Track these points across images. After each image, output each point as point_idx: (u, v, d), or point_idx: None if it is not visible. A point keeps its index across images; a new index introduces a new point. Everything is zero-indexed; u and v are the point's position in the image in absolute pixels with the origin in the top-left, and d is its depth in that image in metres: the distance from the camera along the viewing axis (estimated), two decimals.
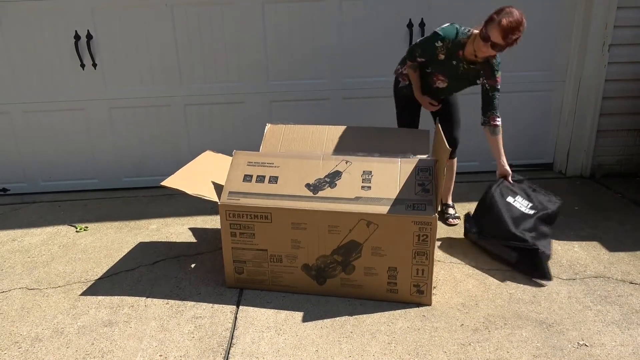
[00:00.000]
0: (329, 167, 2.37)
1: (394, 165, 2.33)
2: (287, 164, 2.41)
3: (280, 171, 2.39)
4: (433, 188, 2.23)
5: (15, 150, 3.90)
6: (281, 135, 2.83)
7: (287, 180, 2.36)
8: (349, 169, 2.35)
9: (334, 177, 2.33)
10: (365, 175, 2.32)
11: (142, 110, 3.86)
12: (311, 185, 2.32)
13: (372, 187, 2.28)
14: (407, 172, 2.30)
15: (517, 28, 2.46)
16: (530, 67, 3.86)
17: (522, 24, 2.47)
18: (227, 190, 2.35)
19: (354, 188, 2.28)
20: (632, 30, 3.61)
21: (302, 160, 2.42)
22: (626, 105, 3.80)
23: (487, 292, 2.39)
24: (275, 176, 2.37)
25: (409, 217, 2.16)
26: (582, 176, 3.97)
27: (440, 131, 2.44)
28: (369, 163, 2.37)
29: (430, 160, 2.34)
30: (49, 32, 3.62)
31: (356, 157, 2.41)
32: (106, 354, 2.03)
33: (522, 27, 2.47)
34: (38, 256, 2.92)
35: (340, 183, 2.31)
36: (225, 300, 2.38)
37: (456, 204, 3.45)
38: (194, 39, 3.71)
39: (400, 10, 3.68)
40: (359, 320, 2.20)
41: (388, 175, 2.30)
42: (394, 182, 2.28)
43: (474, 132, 4.01)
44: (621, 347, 1.99)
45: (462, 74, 2.79)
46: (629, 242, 2.85)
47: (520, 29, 2.47)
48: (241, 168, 2.42)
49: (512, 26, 2.43)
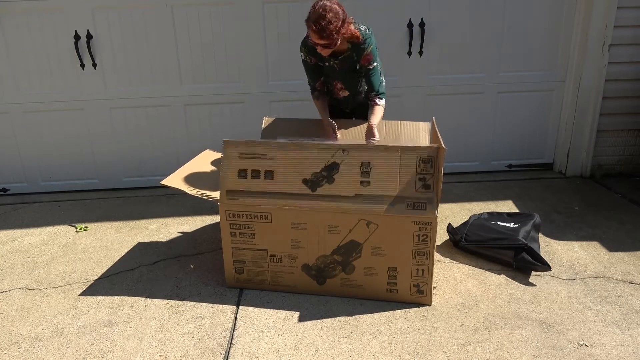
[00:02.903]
0: (326, 158, 2.25)
1: (393, 155, 2.21)
2: (281, 155, 2.28)
3: (275, 164, 2.29)
4: (434, 183, 2.18)
5: (15, 150, 3.90)
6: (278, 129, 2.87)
7: (284, 175, 2.28)
8: (346, 160, 2.24)
9: (331, 171, 2.24)
10: (364, 168, 2.22)
11: (142, 110, 3.86)
12: (308, 181, 2.26)
13: (372, 181, 2.21)
14: (407, 164, 2.18)
15: (318, 21, 2.30)
16: (530, 67, 3.86)
17: (324, 14, 2.30)
18: (225, 189, 2.32)
19: (353, 183, 2.22)
20: (632, 30, 3.61)
21: (297, 152, 2.29)
22: (626, 105, 3.80)
23: (487, 292, 2.39)
24: (271, 170, 2.29)
25: (409, 217, 2.16)
26: (582, 176, 3.97)
27: (436, 129, 2.43)
28: (367, 152, 2.23)
29: (432, 149, 2.18)
30: (49, 32, 3.62)
31: (353, 145, 2.28)
32: (106, 354, 2.03)
33: (326, 15, 2.30)
34: (38, 256, 2.92)
35: (339, 177, 2.23)
36: (225, 300, 2.38)
37: (456, 204, 3.46)
38: (194, 39, 3.71)
39: (400, 10, 3.68)
40: (359, 320, 2.20)
41: (387, 167, 2.20)
42: (394, 175, 2.19)
43: (473, 132, 4.03)
44: (621, 347, 1.99)
45: (341, 70, 2.68)
46: (629, 242, 2.85)
47: (325, 19, 2.29)
48: (234, 162, 2.31)
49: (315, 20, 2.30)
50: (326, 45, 2.41)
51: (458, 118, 3.96)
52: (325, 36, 2.34)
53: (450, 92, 3.90)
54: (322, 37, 2.35)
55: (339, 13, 2.36)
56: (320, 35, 2.34)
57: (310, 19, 2.36)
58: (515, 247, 2.55)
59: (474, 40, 3.78)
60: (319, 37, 2.36)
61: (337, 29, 2.35)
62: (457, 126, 3.98)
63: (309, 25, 2.37)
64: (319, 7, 2.34)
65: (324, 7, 2.33)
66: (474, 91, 3.93)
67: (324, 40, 2.37)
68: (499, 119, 3.99)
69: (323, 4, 2.35)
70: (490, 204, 3.45)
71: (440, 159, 2.16)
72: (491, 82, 3.89)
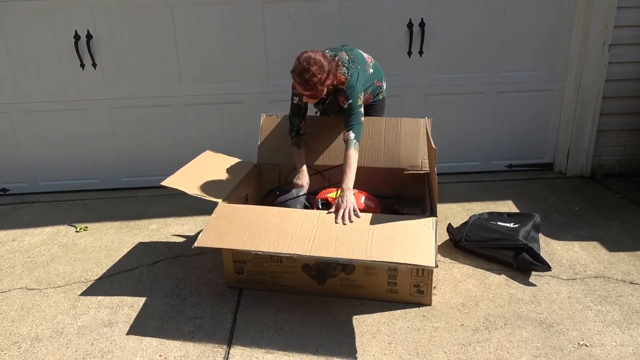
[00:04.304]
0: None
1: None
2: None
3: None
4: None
5: (15, 150, 3.90)
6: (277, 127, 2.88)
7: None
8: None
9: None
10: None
11: (142, 110, 3.86)
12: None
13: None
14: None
15: (302, 74, 2.31)
16: (530, 67, 3.86)
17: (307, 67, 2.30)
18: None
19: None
20: (632, 30, 3.61)
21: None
22: (626, 105, 3.80)
23: (487, 292, 2.39)
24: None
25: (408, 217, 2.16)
26: (582, 176, 3.97)
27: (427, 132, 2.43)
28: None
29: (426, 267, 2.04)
30: (49, 32, 3.62)
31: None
32: (106, 354, 2.03)
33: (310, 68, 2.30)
34: (38, 256, 2.92)
35: None
36: (225, 300, 2.38)
37: (456, 204, 3.46)
38: (194, 39, 3.71)
39: (400, 10, 3.68)
40: (359, 320, 2.19)
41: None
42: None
43: (473, 132, 4.03)
44: (621, 347, 1.99)
45: (332, 108, 2.73)
46: (629, 242, 2.85)
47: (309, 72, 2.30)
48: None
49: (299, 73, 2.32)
50: (311, 96, 2.44)
51: (458, 118, 3.96)
52: (309, 88, 2.36)
53: (450, 92, 3.89)
54: (306, 89, 2.37)
55: (324, 65, 2.35)
56: (304, 87, 2.36)
57: (294, 71, 2.37)
58: (516, 247, 2.54)
59: (474, 40, 3.78)
60: (303, 89, 2.38)
61: (321, 81, 2.35)
62: (457, 126, 3.98)
63: (293, 77, 2.38)
64: (303, 59, 2.34)
65: (308, 60, 2.33)
66: (474, 91, 3.93)
67: (309, 92, 2.39)
68: (499, 119, 3.99)
69: (307, 56, 2.35)
70: (490, 204, 3.45)
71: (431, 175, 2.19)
72: (491, 82, 3.89)
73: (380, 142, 2.81)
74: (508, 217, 2.92)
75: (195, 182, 2.52)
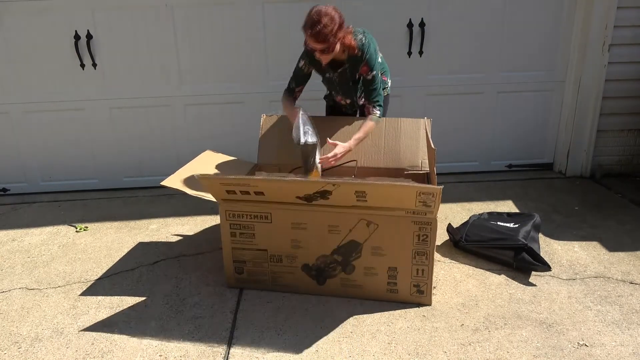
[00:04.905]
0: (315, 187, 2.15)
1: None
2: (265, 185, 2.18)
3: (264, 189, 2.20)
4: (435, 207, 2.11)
5: (15, 150, 3.90)
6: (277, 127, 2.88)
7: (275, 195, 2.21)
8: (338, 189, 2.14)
9: (325, 194, 2.18)
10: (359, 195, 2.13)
11: (142, 110, 3.86)
12: (303, 197, 2.20)
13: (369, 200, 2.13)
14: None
15: (314, 26, 2.31)
16: (530, 67, 3.86)
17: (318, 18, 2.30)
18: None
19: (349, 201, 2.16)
20: (632, 30, 3.61)
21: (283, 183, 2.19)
22: (626, 105, 3.80)
23: (487, 292, 2.39)
24: (261, 191, 2.21)
25: (409, 217, 2.16)
26: (582, 176, 3.97)
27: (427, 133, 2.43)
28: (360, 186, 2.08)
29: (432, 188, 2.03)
30: (49, 32, 3.62)
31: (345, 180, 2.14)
32: (106, 354, 2.03)
33: (321, 19, 2.30)
34: (38, 256, 2.92)
35: (333, 197, 2.16)
36: (225, 300, 2.38)
37: (456, 204, 3.46)
38: (194, 39, 3.71)
39: (400, 10, 3.68)
40: (359, 320, 2.20)
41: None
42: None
43: (473, 132, 4.03)
44: (621, 347, 1.99)
45: (340, 82, 2.71)
46: (629, 242, 2.85)
47: (321, 23, 2.30)
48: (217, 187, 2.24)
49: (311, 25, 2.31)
50: (324, 50, 2.40)
51: (458, 118, 3.96)
52: (322, 40, 2.34)
53: (450, 92, 3.90)
54: (318, 40, 2.35)
55: (335, 17, 2.35)
56: (317, 38, 2.34)
57: (306, 24, 2.36)
58: (515, 247, 2.55)
59: (474, 40, 3.78)
60: (315, 40, 2.35)
61: (333, 32, 2.34)
62: (457, 126, 3.98)
63: (305, 31, 2.37)
64: (314, 12, 2.35)
65: (319, 12, 2.34)
66: (474, 91, 3.93)
67: (321, 44, 2.36)
68: (498, 119, 3.99)
69: (318, 9, 2.35)
70: (490, 204, 3.45)
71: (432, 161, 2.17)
72: (491, 82, 3.89)
73: (380, 142, 2.81)
74: (508, 217, 2.92)
75: (195, 182, 2.52)
